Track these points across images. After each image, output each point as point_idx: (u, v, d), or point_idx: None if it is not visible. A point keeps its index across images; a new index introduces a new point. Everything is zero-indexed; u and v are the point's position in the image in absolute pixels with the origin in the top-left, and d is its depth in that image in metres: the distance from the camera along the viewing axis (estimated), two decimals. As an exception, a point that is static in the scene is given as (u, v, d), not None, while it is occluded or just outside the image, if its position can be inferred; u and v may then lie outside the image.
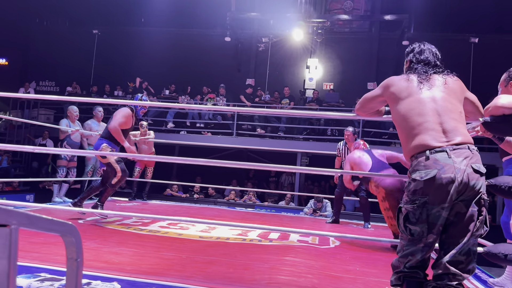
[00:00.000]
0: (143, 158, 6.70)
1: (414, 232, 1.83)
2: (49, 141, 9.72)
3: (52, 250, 2.82)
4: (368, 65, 11.86)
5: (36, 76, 12.90)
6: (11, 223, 0.64)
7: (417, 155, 1.88)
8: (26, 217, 0.69)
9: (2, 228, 0.64)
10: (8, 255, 0.64)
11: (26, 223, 0.69)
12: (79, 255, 0.86)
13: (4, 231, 0.64)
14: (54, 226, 0.80)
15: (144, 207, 6.27)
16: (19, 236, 0.71)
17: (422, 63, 2.09)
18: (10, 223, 0.64)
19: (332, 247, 3.91)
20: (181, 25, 12.48)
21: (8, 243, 0.64)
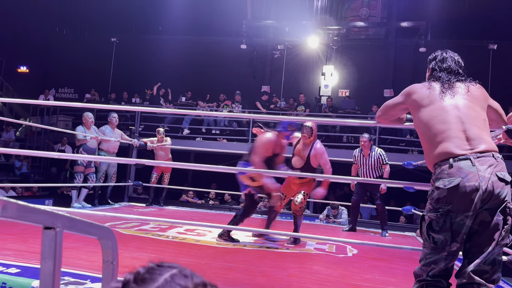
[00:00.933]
0: (160, 164, 6.76)
1: (437, 240, 1.82)
2: (68, 147, 9.89)
3: (75, 255, 2.87)
4: (384, 72, 11.79)
5: (56, 83, 13.15)
6: (56, 225, 0.67)
7: (440, 163, 1.87)
8: (70, 220, 0.72)
9: (48, 230, 0.67)
10: (53, 256, 0.67)
11: (69, 226, 0.72)
12: (114, 258, 0.88)
13: (50, 233, 0.67)
14: (93, 229, 0.82)
15: (161, 212, 6.32)
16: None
17: (445, 71, 2.08)
18: (56, 226, 0.67)
19: (350, 256, 3.89)
20: (197, 33, 12.61)
21: (53, 245, 0.67)
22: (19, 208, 0.57)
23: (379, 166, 5.54)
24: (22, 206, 0.58)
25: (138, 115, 10.05)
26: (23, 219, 0.60)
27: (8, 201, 0.55)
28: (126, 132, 9.23)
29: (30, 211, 0.61)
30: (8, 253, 2.79)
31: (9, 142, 10.20)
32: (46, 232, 0.67)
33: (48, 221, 0.66)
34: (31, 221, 0.63)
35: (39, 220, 0.65)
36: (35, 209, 0.64)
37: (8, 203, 0.55)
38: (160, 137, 7.01)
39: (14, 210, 0.56)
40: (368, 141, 5.57)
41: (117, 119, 6.66)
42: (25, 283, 2.25)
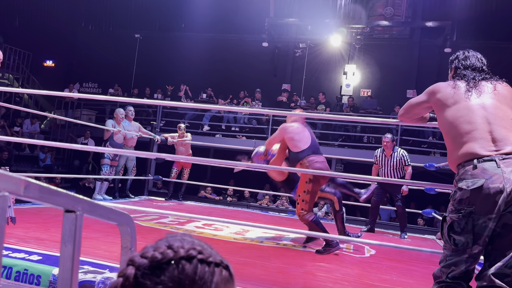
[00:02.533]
0: (179, 159, 6.83)
1: (459, 242, 1.78)
2: (91, 141, 10.07)
3: (94, 245, 2.92)
4: (408, 72, 11.59)
5: (80, 78, 13.39)
6: (77, 209, 0.68)
7: (464, 164, 1.83)
8: (90, 204, 0.73)
9: (69, 213, 0.68)
10: (73, 239, 0.68)
11: (89, 210, 0.73)
12: (133, 244, 0.90)
13: (70, 216, 0.68)
14: (112, 215, 0.83)
15: (179, 207, 6.38)
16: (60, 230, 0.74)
17: (470, 69, 2.03)
18: (76, 209, 0.68)
19: (368, 256, 3.85)
20: (220, 30, 12.65)
21: (73, 228, 0.68)
22: (41, 190, 0.58)
23: (401, 167, 5.46)
24: (44, 188, 0.60)
25: (159, 111, 10.16)
26: (44, 200, 0.61)
27: (30, 181, 0.56)
28: (148, 127, 9.37)
29: (51, 193, 0.62)
30: (31, 240, 2.86)
31: (34, 134, 10.45)
32: (66, 215, 0.68)
33: (69, 204, 0.67)
34: (52, 202, 0.64)
35: (60, 203, 0.66)
36: (56, 191, 0.65)
37: (31, 183, 0.56)
38: (181, 132, 7.08)
39: (36, 191, 0.57)
40: (390, 142, 5.49)
41: (133, 113, 6.73)
42: (46, 270, 2.30)
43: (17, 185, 0.53)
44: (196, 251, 0.55)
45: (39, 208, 4.43)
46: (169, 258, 0.53)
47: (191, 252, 0.55)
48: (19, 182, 0.53)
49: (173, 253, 0.54)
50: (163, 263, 0.53)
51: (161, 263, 0.53)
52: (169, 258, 0.53)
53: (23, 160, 9.79)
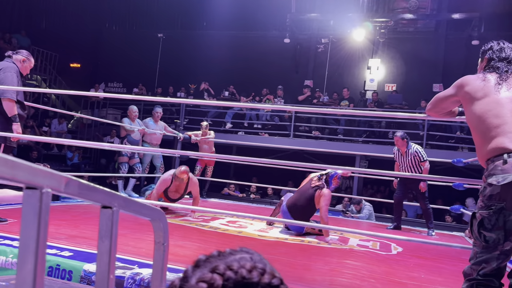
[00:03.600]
0: (203, 156, 6.89)
1: (489, 239, 1.74)
2: (116, 139, 10.26)
3: (123, 241, 2.98)
4: (433, 66, 11.34)
5: (105, 78, 13.66)
6: (113, 205, 0.70)
7: (493, 159, 1.78)
8: (125, 200, 0.75)
9: (106, 209, 0.70)
10: (110, 234, 0.70)
11: (125, 206, 0.75)
12: (165, 239, 0.92)
13: (107, 212, 0.70)
14: (146, 210, 0.85)
15: (204, 204, 6.43)
16: (96, 226, 0.76)
17: (505, 61, 1.98)
18: (113, 205, 0.70)
19: (394, 254, 3.80)
20: (241, 28, 12.68)
21: (110, 224, 0.70)
22: (80, 186, 0.60)
23: (417, 163, 5.35)
24: (83, 184, 0.62)
25: (183, 109, 10.27)
26: (83, 197, 0.63)
27: (70, 178, 0.58)
28: (171, 126, 9.47)
29: (90, 189, 0.64)
30: (62, 237, 2.94)
31: (61, 133, 10.73)
32: (103, 211, 0.70)
33: (106, 200, 0.69)
34: (90, 199, 0.66)
35: (97, 199, 0.68)
36: (94, 187, 0.67)
37: (71, 180, 0.58)
38: (204, 130, 7.13)
39: (76, 187, 0.59)
40: (400, 139, 5.37)
41: (160, 114, 6.83)
42: (77, 265, 2.36)
43: (58, 182, 0.55)
44: (278, 280, 0.56)
45: (69, 206, 4.56)
46: (255, 281, 0.54)
47: (274, 282, 0.55)
48: (60, 179, 0.55)
49: (258, 276, 0.55)
50: (249, 284, 0.53)
51: (247, 283, 0.53)
52: (255, 281, 0.54)
53: (51, 159, 10.06)
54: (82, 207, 4.59)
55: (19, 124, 3.39)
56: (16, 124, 3.35)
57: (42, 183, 0.50)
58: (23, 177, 0.47)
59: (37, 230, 0.50)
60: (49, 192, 0.51)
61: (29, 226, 0.50)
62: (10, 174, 0.45)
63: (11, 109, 3.33)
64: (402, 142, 5.36)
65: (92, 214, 4.18)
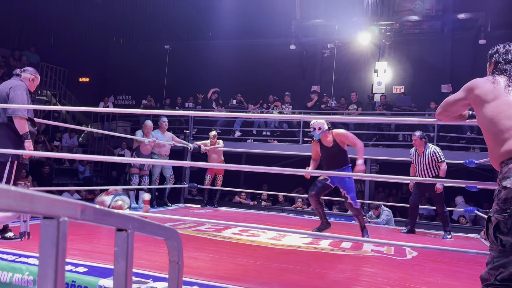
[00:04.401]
0: (212, 166, 6.92)
1: (506, 243, 1.72)
2: (127, 152, 10.34)
3: (137, 254, 2.98)
4: (441, 66, 11.27)
5: (114, 91, 13.80)
6: (128, 227, 0.71)
7: (507, 161, 1.76)
8: (139, 222, 0.75)
9: (121, 232, 0.71)
10: (126, 256, 0.70)
11: (139, 228, 0.76)
12: (180, 258, 0.92)
13: (122, 234, 0.70)
14: (160, 230, 0.86)
15: (215, 213, 6.44)
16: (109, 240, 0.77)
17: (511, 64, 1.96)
18: (128, 228, 0.71)
19: (410, 258, 3.75)
20: (247, 36, 12.75)
21: (126, 246, 0.71)
22: (96, 212, 0.61)
23: (434, 164, 5.30)
24: (98, 210, 0.62)
25: (191, 119, 10.33)
26: (98, 222, 0.64)
27: (86, 205, 0.59)
28: (181, 136, 9.52)
29: (104, 214, 0.65)
30: (76, 253, 2.96)
31: (72, 147, 10.83)
32: (118, 234, 0.71)
33: (120, 223, 0.70)
34: (106, 223, 0.67)
35: (113, 223, 0.69)
36: (109, 212, 0.67)
37: (86, 207, 0.58)
38: (213, 140, 7.16)
39: (91, 214, 0.59)
40: (419, 139, 5.34)
41: (167, 123, 6.85)
42: (92, 281, 2.38)
43: (75, 210, 0.55)
44: None
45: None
46: None
47: None
48: (76, 207, 0.55)
49: None
50: None
51: None
52: None
53: (63, 174, 10.17)
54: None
55: (31, 141, 3.43)
56: (28, 141, 3.40)
57: (59, 213, 0.51)
58: (41, 209, 0.48)
59: (55, 259, 0.50)
60: (66, 220, 0.52)
61: (47, 255, 0.51)
62: (29, 207, 0.46)
63: (23, 127, 3.37)
64: (420, 142, 5.33)
65: (105, 228, 4.20)
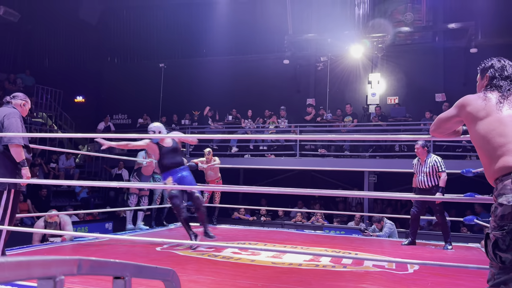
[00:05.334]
0: (208, 188, 6.94)
1: (506, 259, 1.71)
2: (124, 171, 10.32)
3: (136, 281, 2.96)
4: (434, 76, 11.38)
5: (110, 110, 13.80)
6: (125, 275, 0.71)
7: (502, 178, 1.77)
8: (136, 268, 0.75)
9: (118, 280, 0.70)
10: (123, 305, 0.70)
11: (136, 273, 0.75)
12: (179, 298, 0.92)
13: (120, 282, 0.70)
14: (157, 273, 0.86)
15: (214, 231, 6.39)
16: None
17: (508, 80, 1.99)
18: (125, 275, 0.71)
19: (411, 272, 3.73)
20: (240, 52, 12.86)
21: (123, 294, 0.71)
22: (92, 264, 0.61)
23: (434, 173, 5.32)
24: (94, 262, 0.62)
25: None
26: (95, 273, 0.64)
27: (82, 259, 0.59)
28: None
29: (101, 265, 0.65)
30: (75, 280, 2.92)
31: (70, 169, 10.80)
32: (116, 282, 0.71)
33: (117, 271, 0.70)
34: (103, 273, 0.67)
35: (110, 272, 0.68)
36: (106, 262, 0.67)
37: (82, 261, 0.58)
38: (208, 157, 7.15)
39: (88, 267, 0.59)
40: (421, 148, 5.37)
41: None
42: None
43: (70, 267, 0.55)
44: None
45: (81, 245, 4.55)
46: None
47: None
48: (72, 264, 0.55)
49: None
50: None
51: None
52: None
53: (61, 195, 10.12)
54: (92, 245, 4.59)
55: (28, 168, 3.43)
56: (24, 168, 3.39)
57: (56, 273, 0.51)
58: (38, 273, 0.48)
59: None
60: (62, 279, 0.52)
61: (45, 316, 0.51)
62: (26, 274, 0.46)
63: (20, 155, 3.37)
64: (422, 151, 5.36)
65: (105, 252, 4.17)
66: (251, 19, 12.58)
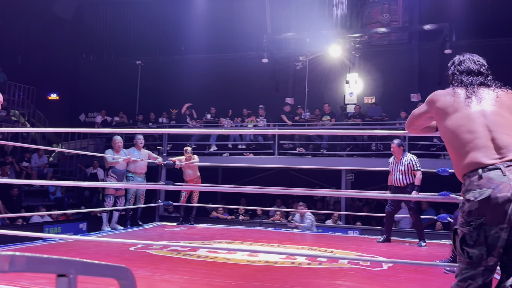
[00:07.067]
0: (187, 188, 6.88)
1: (473, 255, 1.73)
2: (100, 170, 10.12)
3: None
4: (409, 76, 11.57)
5: (85, 108, 13.54)
6: (69, 272, 0.67)
7: (469, 174, 1.79)
8: (83, 265, 0.71)
9: (61, 277, 0.66)
10: (68, 304, 0.66)
11: (83, 271, 0.71)
12: (135, 297, 0.88)
13: (64, 280, 0.66)
14: (109, 271, 0.82)
15: (192, 231, 6.34)
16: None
17: (465, 73, 2.01)
18: (69, 273, 0.67)
19: (385, 269, 3.77)
20: (219, 50, 12.80)
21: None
22: (29, 261, 0.57)
23: (410, 172, 5.40)
24: (31, 258, 0.58)
25: (165, 136, 10.22)
26: (34, 270, 0.60)
27: (15, 255, 0.54)
28: (155, 152, 9.39)
29: (40, 261, 0.61)
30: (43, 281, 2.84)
31: (42, 167, 10.52)
32: (60, 280, 0.67)
33: (61, 269, 0.66)
34: (42, 271, 0.63)
35: (51, 269, 0.64)
36: (46, 259, 0.63)
37: (15, 257, 0.54)
38: (188, 155, 7.08)
39: (23, 264, 0.55)
40: (397, 147, 5.46)
41: (142, 141, 6.76)
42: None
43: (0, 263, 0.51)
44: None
45: (51, 245, 4.43)
46: None
47: None
48: (2, 259, 0.51)
49: None
50: None
51: None
52: None
53: (33, 195, 9.85)
54: (67, 245, 4.48)
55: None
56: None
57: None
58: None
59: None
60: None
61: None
62: None
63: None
64: (398, 150, 5.44)
65: (75, 252, 4.07)
66: (230, 17, 12.53)
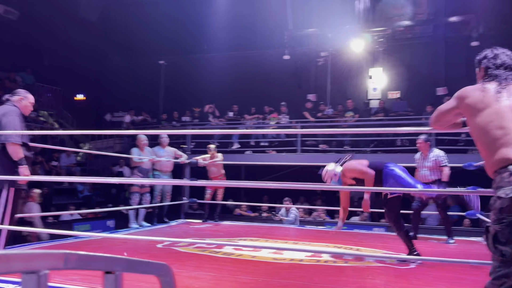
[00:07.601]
0: (211, 184, 6.94)
1: (506, 253, 1.69)
2: (126, 168, 10.31)
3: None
4: (435, 69, 11.33)
5: (110, 108, 13.80)
6: (115, 269, 0.69)
7: (500, 171, 1.75)
8: (128, 262, 0.74)
9: (108, 274, 0.69)
10: (115, 300, 0.69)
11: (128, 268, 0.74)
12: (174, 293, 0.90)
13: (110, 277, 0.69)
14: (150, 268, 0.84)
15: (217, 228, 6.40)
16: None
17: (502, 68, 1.96)
18: (115, 270, 0.69)
19: (413, 267, 3.72)
20: (241, 48, 12.82)
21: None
22: (80, 258, 0.59)
23: (437, 168, 5.30)
24: (82, 256, 0.61)
25: (189, 134, 10.33)
26: (84, 268, 0.62)
27: (68, 253, 0.57)
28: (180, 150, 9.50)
29: (90, 259, 0.63)
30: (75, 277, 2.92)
31: (71, 167, 10.80)
32: (107, 277, 0.70)
33: (107, 266, 0.68)
34: (92, 268, 0.65)
35: (99, 267, 0.67)
36: (95, 257, 0.66)
37: (69, 255, 0.57)
38: (212, 153, 7.14)
39: (75, 261, 0.58)
40: (423, 142, 5.36)
41: (166, 139, 6.88)
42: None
43: (56, 261, 0.54)
44: None
45: (82, 242, 4.55)
46: None
47: None
48: (58, 258, 0.54)
49: None
50: None
51: None
52: None
53: (62, 193, 10.12)
54: (97, 242, 4.59)
55: (26, 167, 3.41)
56: (22, 166, 3.38)
57: (39, 267, 0.49)
58: (19, 267, 0.46)
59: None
60: (46, 273, 0.50)
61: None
62: (5, 268, 0.44)
63: (17, 153, 3.35)
64: (425, 145, 5.35)
65: (105, 249, 4.17)
66: (251, 14, 12.53)
